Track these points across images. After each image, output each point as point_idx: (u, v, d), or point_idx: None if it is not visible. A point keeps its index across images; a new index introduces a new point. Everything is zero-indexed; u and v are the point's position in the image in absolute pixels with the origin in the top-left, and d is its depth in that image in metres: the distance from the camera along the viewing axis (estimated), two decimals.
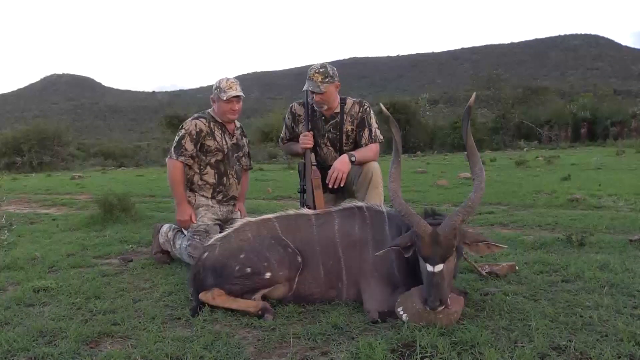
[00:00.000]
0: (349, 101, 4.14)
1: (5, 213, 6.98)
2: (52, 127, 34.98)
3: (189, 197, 4.13)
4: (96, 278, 3.61)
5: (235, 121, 4.28)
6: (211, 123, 4.12)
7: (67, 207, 9.07)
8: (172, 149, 4.08)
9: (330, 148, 4.13)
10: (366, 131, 4.10)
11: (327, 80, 3.89)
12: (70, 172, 24.82)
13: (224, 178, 4.19)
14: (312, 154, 3.96)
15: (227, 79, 4.08)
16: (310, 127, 4.06)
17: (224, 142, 4.15)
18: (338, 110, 4.10)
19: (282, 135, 4.43)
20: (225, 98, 4.00)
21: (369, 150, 4.04)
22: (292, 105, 4.28)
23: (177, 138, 4.08)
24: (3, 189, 13.41)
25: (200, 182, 4.14)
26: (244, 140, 4.41)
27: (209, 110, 4.22)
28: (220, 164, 4.15)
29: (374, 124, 4.16)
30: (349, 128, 4.11)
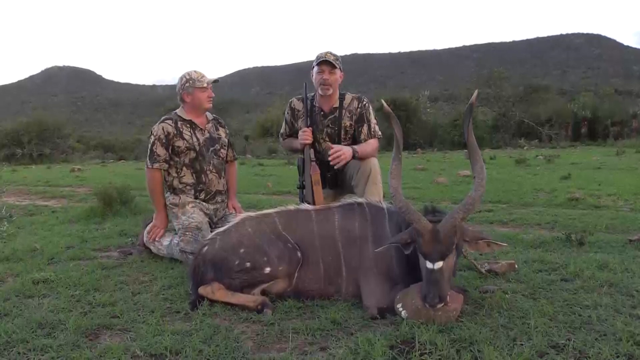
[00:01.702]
0: (348, 96, 4.15)
1: (5, 204, 6.99)
2: (52, 120, 35.06)
3: (174, 199, 4.12)
4: (95, 270, 3.61)
5: (207, 114, 4.26)
6: (178, 123, 4.09)
7: (67, 199, 9.08)
8: (147, 157, 4.09)
9: (329, 143, 4.13)
10: (365, 127, 4.11)
11: (338, 62, 3.97)
12: (69, 164, 24.82)
13: (202, 176, 4.14)
14: (312, 150, 3.95)
15: (195, 71, 4.12)
16: (309, 122, 4.05)
17: (195, 140, 4.10)
18: (337, 105, 4.11)
19: (281, 131, 4.42)
20: (205, 85, 4.04)
21: (369, 146, 4.06)
22: (291, 101, 4.27)
23: (149, 146, 4.09)
24: (3, 181, 13.41)
25: (180, 186, 4.12)
26: (221, 132, 4.33)
27: (176, 110, 4.20)
28: (194, 162, 4.11)
29: (373, 120, 4.18)
30: (347, 123, 4.11)
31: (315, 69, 4.00)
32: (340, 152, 3.82)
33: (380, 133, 4.18)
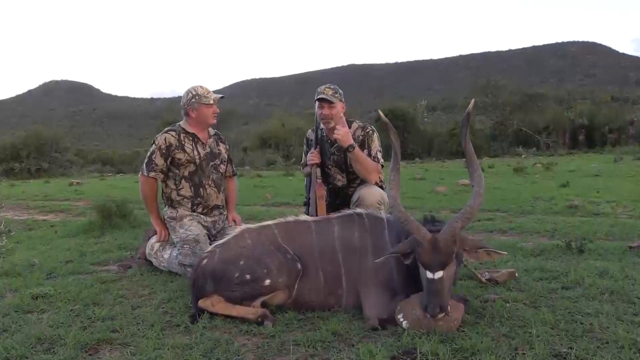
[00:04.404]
0: (354, 125, 4.16)
1: (4, 219, 6.96)
2: (50, 134, 35.03)
3: (171, 212, 4.12)
4: (95, 285, 3.60)
5: (210, 129, 4.28)
6: (181, 135, 4.11)
7: (66, 213, 9.07)
8: (144, 164, 4.09)
9: (337, 169, 4.20)
10: (364, 152, 4.04)
11: (336, 95, 4.03)
12: (68, 178, 24.80)
13: (200, 189, 4.15)
14: (318, 169, 4.08)
15: (201, 86, 4.15)
16: (318, 148, 4.19)
17: (196, 153, 4.12)
18: None
19: (302, 161, 4.49)
20: (211, 102, 4.07)
21: (369, 161, 3.99)
22: (307, 133, 4.42)
23: (148, 153, 4.11)
24: (1, 195, 13.39)
25: (177, 198, 4.13)
26: (221, 147, 4.36)
27: (180, 122, 4.22)
28: (194, 175, 4.13)
29: (375, 147, 4.11)
30: None
31: (317, 104, 4.06)
32: (342, 132, 3.84)
33: (382, 160, 4.10)
